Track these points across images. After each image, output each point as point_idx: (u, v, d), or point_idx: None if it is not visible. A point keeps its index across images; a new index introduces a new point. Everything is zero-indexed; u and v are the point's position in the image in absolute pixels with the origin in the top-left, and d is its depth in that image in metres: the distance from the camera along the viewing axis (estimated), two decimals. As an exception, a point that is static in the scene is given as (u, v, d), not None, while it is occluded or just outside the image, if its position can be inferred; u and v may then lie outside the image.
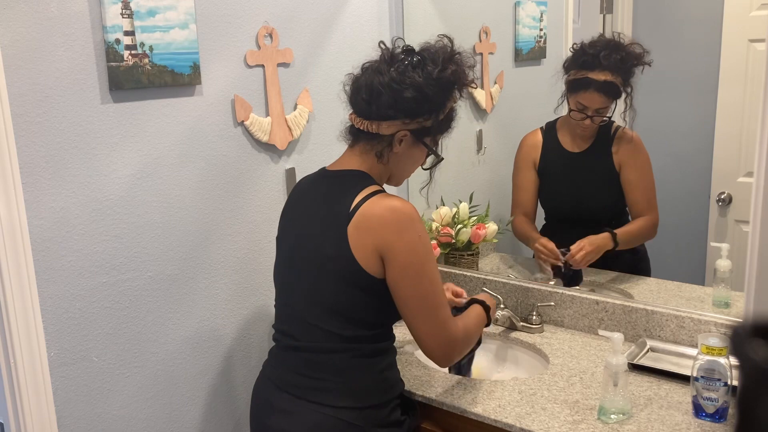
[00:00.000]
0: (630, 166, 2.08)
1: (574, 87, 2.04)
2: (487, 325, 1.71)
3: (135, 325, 1.72)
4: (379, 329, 1.53)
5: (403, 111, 1.47)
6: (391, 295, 1.48)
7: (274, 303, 1.66)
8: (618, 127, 2.08)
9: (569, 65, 2.07)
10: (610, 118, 2.05)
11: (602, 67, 1.97)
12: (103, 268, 1.64)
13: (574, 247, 2.07)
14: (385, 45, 1.55)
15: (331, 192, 1.53)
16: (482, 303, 1.70)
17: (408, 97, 1.45)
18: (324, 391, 1.49)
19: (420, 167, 1.62)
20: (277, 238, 1.67)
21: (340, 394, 1.49)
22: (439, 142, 1.58)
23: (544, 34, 2.45)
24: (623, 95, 1.99)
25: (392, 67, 1.48)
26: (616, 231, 2.06)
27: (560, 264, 2.09)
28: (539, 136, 2.23)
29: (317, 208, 1.54)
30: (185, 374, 1.84)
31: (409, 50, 1.52)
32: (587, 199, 2.18)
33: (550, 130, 2.22)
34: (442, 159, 1.59)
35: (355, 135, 1.56)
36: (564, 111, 2.16)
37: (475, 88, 1.60)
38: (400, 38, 1.58)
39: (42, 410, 1.55)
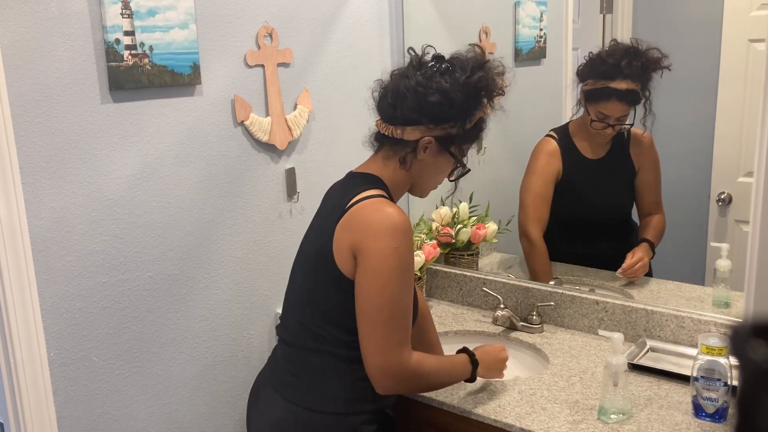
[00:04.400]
0: (647, 167, 2.08)
1: (594, 97, 2.01)
2: (470, 380, 1.59)
3: (135, 325, 1.72)
4: (356, 335, 1.44)
5: (428, 115, 1.44)
6: None
7: (282, 300, 1.67)
8: (629, 129, 2.08)
9: (586, 74, 2.03)
10: (632, 125, 2.03)
11: (623, 76, 1.94)
12: (103, 268, 1.64)
13: (631, 260, 2.02)
14: (414, 51, 1.52)
15: (335, 192, 1.54)
16: (472, 356, 1.59)
17: (433, 101, 1.42)
18: (297, 389, 1.49)
19: (447, 179, 1.57)
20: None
21: (309, 395, 1.48)
22: (466, 153, 1.54)
23: (544, 34, 2.45)
24: (642, 100, 1.98)
25: (419, 71, 1.46)
26: (651, 240, 2.05)
27: None
28: (554, 145, 2.15)
29: (326, 207, 1.55)
30: (185, 374, 1.84)
31: (438, 57, 1.49)
32: (610, 204, 2.16)
33: (564, 137, 2.15)
34: (469, 170, 1.55)
35: (380, 141, 1.53)
36: (572, 115, 2.16)
37: (504, 95, 1.54)
38: (430, 46, 1.54)
39: (42, 410, 1.55)
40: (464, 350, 1.62)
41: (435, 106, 1.43)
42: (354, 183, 1.51)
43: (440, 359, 1.59)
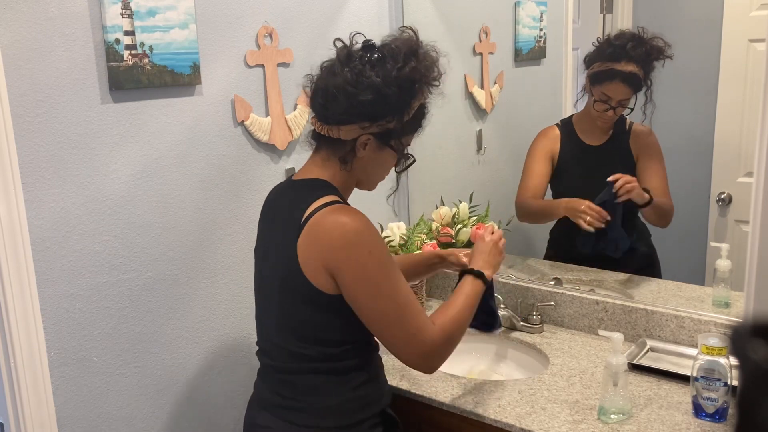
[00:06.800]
0: (647, 155, 2.10)
1: (598, 78, 2.06)
2: (487, 283, 1.53)
3: (135, 325, 1.72)
4: (349, 345, 1.42)
5: (361, 115, 1.35)
6: (350, 311, 1.38)
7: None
8: (632, 122, 2.11)
9: (593, 58, 2.08)
10: (632, 109, 2.07)
11: (628, 58, 1.99)
12: (103, 268, 1.64)
13: (619, 178, 1.99)
14: (342, 42, 1.41)
15: (289, 203, 1.44)
16: (472, 271, 1.54)
17: (365, 99, 1.33)
18: (296, 411, 1.44)
19: (393, 169, 1.50)
20: (254, 249, 1.60)
21: (311, 414, 1.43)
22: (410, 143, 1.46)
23: (544, 34, 2.45)
24: (644, 88, 2.01)
25: (347, 67, 1.36)
26: (654, 198, 2.00)
27: (602, 226, 2.02)
28: (556, 131, 2.23)
29: (276, 221, 1.47)
30: (185, 374, 1.84)
31: (368, 46, 1.38)
32: None
33: (566, 126, 2.22)
34: (414, 161, 1.48)
35: (317, 140, 1.45)
36: (580, 107, 2.17)
37: (438, 86, 1.46)
38: (359, 33, 1.43)
39: (42, 410, 1.55)
40: (463, 271, 1.56)
41: (367, 105, 1.34)
42: (301, 193, 1.42)
43: (454, 303, 1.47)
